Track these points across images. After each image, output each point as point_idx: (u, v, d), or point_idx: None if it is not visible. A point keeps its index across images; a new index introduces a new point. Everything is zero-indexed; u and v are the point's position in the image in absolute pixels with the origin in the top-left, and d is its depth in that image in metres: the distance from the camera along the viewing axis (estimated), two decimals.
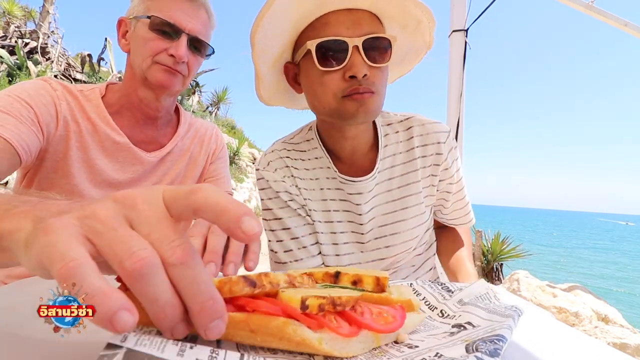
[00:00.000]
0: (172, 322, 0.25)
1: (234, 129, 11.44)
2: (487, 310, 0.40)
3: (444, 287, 0.50)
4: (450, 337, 0.36)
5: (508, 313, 0.38)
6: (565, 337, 0.45)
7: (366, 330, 0.33)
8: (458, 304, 0.45)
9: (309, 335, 0.30)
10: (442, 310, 0.45)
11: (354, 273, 0.41)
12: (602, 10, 3.06)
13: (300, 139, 0.93)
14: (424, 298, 0.49)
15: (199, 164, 1.05)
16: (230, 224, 0.26)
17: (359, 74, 0.70)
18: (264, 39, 0.75)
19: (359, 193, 0.85)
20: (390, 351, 0.34)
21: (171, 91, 0.91)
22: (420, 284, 0.51)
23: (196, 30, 0.87)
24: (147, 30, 0.85)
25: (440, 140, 0.88)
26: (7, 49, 6.08)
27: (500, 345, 0.30)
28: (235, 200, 0.27)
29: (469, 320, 0.39)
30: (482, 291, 0.47)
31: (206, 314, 0.25)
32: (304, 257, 0.86)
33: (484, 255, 5.57)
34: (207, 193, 0.27)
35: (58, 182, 0.85)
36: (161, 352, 0.23)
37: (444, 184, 0.91)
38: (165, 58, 0.86)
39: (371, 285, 0.40)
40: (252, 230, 0.25)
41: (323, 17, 0.72)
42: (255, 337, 0.30)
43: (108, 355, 0.22)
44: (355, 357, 0.33)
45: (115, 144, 0.90)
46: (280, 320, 0.30)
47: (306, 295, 0.31)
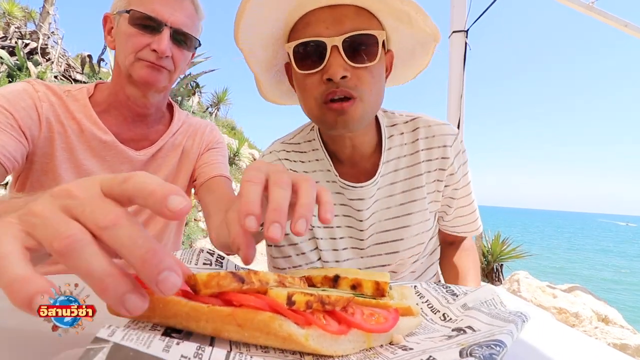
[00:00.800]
0: (117, 292, 0.25)
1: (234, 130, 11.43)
2: (490, 315, 0.39)
3: (449, 291, 0.49)
4: (447, 341, 0.35)
5: (511, 318, 0.37)
6: (566, 338, 0.45)
7: (356, 330, 0.33)
8: (462, 308, 0.44)
9: (295, 331, 0.29)
10: (445, 314, 0.44)
11: (353, 277, 0.40)
12: (602, 11, 3.06)
13: (300, 139, 0.89)
14: (427, 300, 0.48)
15: (191, 158, 1.02)
16: (157, 204, 0.27)
17: (335, 75, 0.65)
18: (247, 42, 0.73)
19: (360, 199, 0.81)
20: (383, 353, 0.34)
21: (157, 87, 0.88)
22: (424, 286, 0.50)
23: (179, 22, 0.84)
24: (127, 25, 0.82)
25: (446, 143, 0.83)
26: (7, 49, 6.09)
27: (496, 351, 0.29)
28: (163, 182, 0.28)
29: (470, 325, 0.38)
30: (488, 296, 0.46)
31: (149, 265, 0.25)
32: (302, 263, 0.84)
33: (484, 256, 5.57)
34: (136, 179, 0.28)
35: (48, 184, 0.84)
36: (147, 347, 0.23)
37: (449, 190, 0.86)
38: (148, 53, 0.82)
39: (371, 289, 0.40)
40: (178, 207, 0.26)
41: (305, 16, 0.69)
42: (242, 332, 0.30)
43: (95, 349, 0.23)
44: (346, 356, 0.33)
45: (102, 142, 0.88)
46: (266, 314, 0.29)
47: (293, 291, 0.31)
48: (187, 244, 4.64)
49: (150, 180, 0.28)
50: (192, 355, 0.24)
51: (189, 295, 0.31)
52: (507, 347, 0.30)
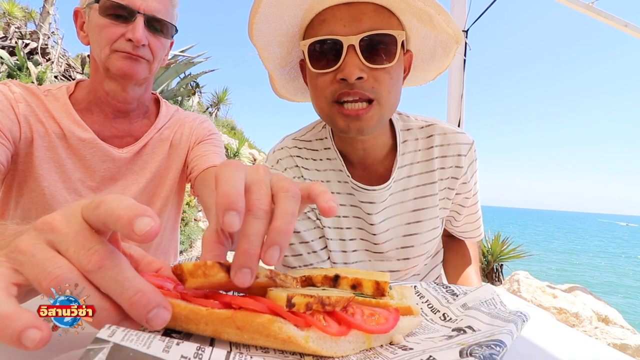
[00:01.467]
0: (110, 322, 0.26)
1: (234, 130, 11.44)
2: (490, 315, 0.39)
3: (448, 291, 0.49)
4: (447, 341, 0.35)
5: (511, 318, 0.37)
6: (566, 338, 0.45)
7: (356, 331, 0.33)
8: (462, 308, 0.44)
9: (294, 333, 0.30)
10: (445, 314, 0.44)
11: (353, 277, 0.41)
12: (602, 11, 3.06)
13: (312, 137, 0.85)
14: (427, 300, 0.48)
15: (180, 152, 0.98)
16: (125, 230, 0.26)
17: (351, 76, 0.63)
18: (261, 39, 0.71)
19: (371, 202, 0.79)
20: (383, 353, 0.34)
21: (137, 79, 0.84)
22: (424, 286, 0.50)
23: (152, 8, 0.80)
24: (99, 16, 0.78)
25: (461, 152, 0.81)
26: (7, 49, 6.09)
27: (497, 351, 0.29)
28: (131, 204, 0.27)
29: (470, 325, 0.38)
30: (488, 296, 0.46)
31: (137, 307, 0.26)
32: (314, 261, 0.82)
33: (484, 256, 5.57)
34: (105, 205, 0.27)
35: (29, 185, 0.83)
36: (147, 347, 0.24)
37: (460, 198, 0.85)
38: (124, 44, 0.79)
39: (371, 289, 0.40)
40: (144, 230, 0.26)
41: (322, 13, 0.66)
42: (242, 335, 0.30)
43: (95, 349, 0.23)
44: (347, 357, 0.33)
45: (82, 141, 0.86)
46: (265, 317, 0.29)
47: (293, 293, 0.31)
48: (187, 244, 4.64)
49: (118, 204, 0.27)
50: (192, 356, 0.24)
51: (187, 298, 0.31)
52: (507, 346, 0.30)
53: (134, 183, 0.93)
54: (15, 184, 0.85)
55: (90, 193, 0.89)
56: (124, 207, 0.27)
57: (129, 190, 0.93)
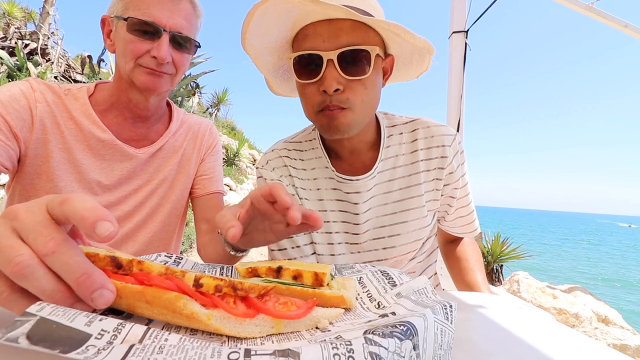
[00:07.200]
0: (67, 305, 0.30)
1: (234, 130, 11.43)
2: (415, 302, 0.41)
3: (390, 281, 0.52)
4: (365, 324, 0.37)
5: (431, 304, 0.38)
6: (566, 339, 0.45)
7: (264, 315, 0.35)
8: (395, 296, 0.47)
9: (197, 310, 0.32)
10: (379, 302, 0.47)
11: (294, 268, 0.44)
12: (602, 12, 3.06)
13: (302, 138, 0.93)
14: (367, 290, 0.50)
15: (192, 163, 1.04)
16: (86, 230, 0.30)
17: (329, 88, 0.69)
18: (253, 49, 0.77)
19: (356, 192, 0.85)
20: (305, 335, 0.37)
21: (160, 92, 0.88)
22: (370, 277, 0.53)
23: (178, 25, 0.83)
24: (126, 32, 0.81)
25: (445, 143, 0.86)
26: (7, 50, 6.09)
27: (400, 330, 0.30)
28: (95, 207, 0.30)
29: (394, 311, 0.40)
30: (420, 285, 0.49)
31: (83, 287, 0.30)
32: (297, 256, 0.87)
33: (484, 256, 5.57)
34: (71, 203, 0.30)
35: (42, 186, 0.84)
36: (70, 321, 0.26)
37: (448, 189, 0.89)
38: (148, 60, 0.82)
39: (310, 280, 0.43)
40: (105, 233, 0.30)
41: (305, 28, 0.72)
42: (152, 309, 0.32)
43: (22, 320, 0.25)
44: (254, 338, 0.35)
45: (100, 141, 0.88)
46: (172, 294, 0.32)
47: (201, 275, 0.34)
48: (187, 244, 4.64)
49: (82, 204, 0.30)
50: (111, 330, 0.26)
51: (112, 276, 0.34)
52: (417, 328, 0.31)
53: (147, 184, 0.97)
54: (20, 185, 0.85)
55: (106, 192, 0.91)
56: (88, 208, 0.30)
57: (142, 190, 0.96)
